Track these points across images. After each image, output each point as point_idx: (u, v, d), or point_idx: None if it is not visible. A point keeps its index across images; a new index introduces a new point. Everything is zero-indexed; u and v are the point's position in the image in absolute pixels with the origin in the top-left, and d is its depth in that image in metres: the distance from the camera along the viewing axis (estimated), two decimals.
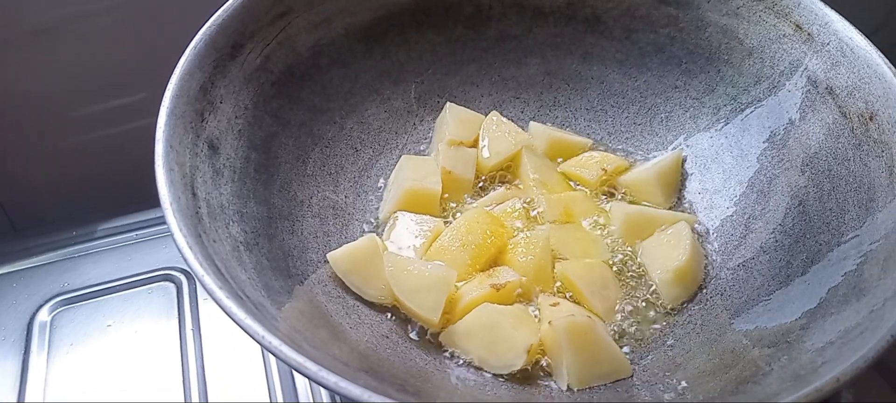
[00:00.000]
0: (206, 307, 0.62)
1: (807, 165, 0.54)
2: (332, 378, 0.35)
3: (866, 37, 0.53)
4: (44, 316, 0.61)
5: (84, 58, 0.67)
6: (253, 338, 0.37)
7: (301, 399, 0.57)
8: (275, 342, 0.36)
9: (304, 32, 0.59)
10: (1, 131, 0.67)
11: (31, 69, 0.66)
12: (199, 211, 0.44)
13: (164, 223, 0.69)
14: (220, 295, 0.38)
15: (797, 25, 0.57)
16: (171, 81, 0.48)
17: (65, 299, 0.63)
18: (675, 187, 0.61)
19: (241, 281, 0.43)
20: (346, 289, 0.52)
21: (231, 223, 0.48)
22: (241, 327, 0.37)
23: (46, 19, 0.64)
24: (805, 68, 0.56)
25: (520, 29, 0.66)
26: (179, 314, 0.62)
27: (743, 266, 0.54)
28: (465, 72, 0.67)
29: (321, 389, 0.57)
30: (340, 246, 0.54)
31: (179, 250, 0.40)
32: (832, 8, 0.55)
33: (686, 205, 0.60)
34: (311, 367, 0.35)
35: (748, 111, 0.59)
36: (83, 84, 0.69)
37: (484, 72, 0.67)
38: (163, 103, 0.47)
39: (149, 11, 0.67)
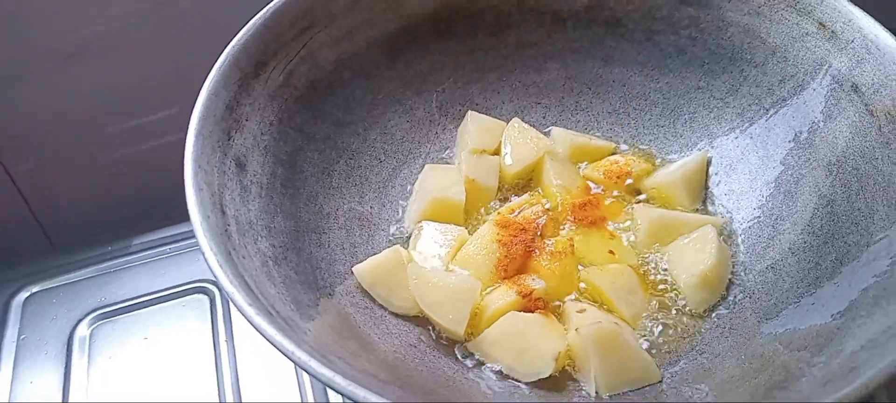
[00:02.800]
0: (239, 318, 0.63)
1: (834, 165, 0.53)
2: (361, 392, 0.36)
3: (892, 33, 0.52)
4: (83, 330, 0.64)
5: (114, 77, 0.69)
6: (283, 354, 0.38)
7: None
8: (304, 357, 0.37)
9: (327, 47, 0.60)
10: (38, 151, 0.70)
11: (65, 90, 0.68)
12: (228, 229, 0.46)
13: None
14: (251, 312, 0.39)
15: (820, 23, 0.56)
16: (197, 102, 0.50)
17: (103, 313, 0.65)
18: (700, 189, 0.60)
19: (271, 297, 0.44)
20: (374, 300, 0.53)
21: (259, 238, 0.49)
22: (271, 343, 0.38)
23: (77, 42, 0.66)
24: (830, 66, 0.55)
25: (539, 35, 0.66)
26: (213, 325, 0.63)
27: (771, 268, 0.54)
28: (486, 79, 0.67)
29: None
30: (367, 257, 0.55)
31: (210, 268, 0.41)
32: (857, 5, 0.55)
33: (711, 207, 0.60)
34: (341, 382, 0.36)
35: (773, 111, 0.58)
36: (114, 102, 0.71)
37: (505, 79, 0.67)
38: (190, 124, 0.48)
39: (175, 29, 0.68)
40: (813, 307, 0.49)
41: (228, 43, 0.54)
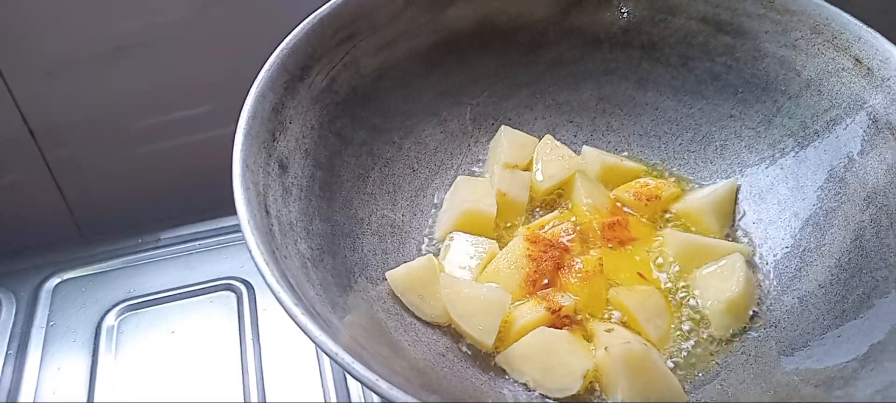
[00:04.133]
0: (265, 316, 0.65)
1: (865, 201, 0.54)
2: (401, 397, 0.37)
3: None
4: (111, 320, 0.64)
5: (152, 73, 0.70)
6: (327, 354, 0.38)
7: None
8: (348, 359, 0.38)
9: (369, 55, 0.61)
10: (74, 141, 0.71)
11: (104, 84, 0.69)
12: (272, 229, 0.46)
13: (225, 233, 0.73)
14: (296, 311, 0.40)
15: (857, 60, 0.57)
16: (246, 102, 0.51)
17: (130, 305, 0.66)
18: (729, 216, 0.61)
19: (311, 298, 0.45)
20: (404, 307, 0.54)
21: (299, 240, 0.50)
22: (315, 343, 0.39)
23: (119, 38, 0.67)
24: (865, 103, 0.56)
25: (575, 55, 0.67)
26: (239, 322, 0.64)
27: (798, 299, 0.54)
28: (519, 95, 0.68)
29: (373, 395, 0.59)
30: (398, 264, 0.56)
31: (257, 267, 0.42)
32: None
33: (740, 236, 0.61)
34: (383, 385, 0.37)
35: (806, 144, 0.59)
36: (151, 98, 0.72)
37: (538, 96, 0.68)
38: (239, 124, 0.49)
39: (211, 30, 0.69)
40: (838, 342, 0.50)
41: (261, 49, 0.55)
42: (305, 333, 0.39)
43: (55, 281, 0.67)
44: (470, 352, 0.53)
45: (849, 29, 0.57)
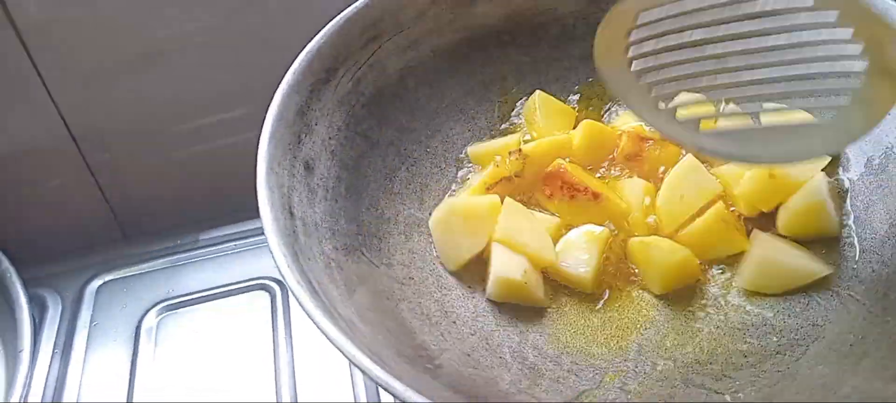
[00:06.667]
0: (298, 316, 0.66)
1: None
2: (415, 397, 0.37)
3: None
4: (151, 319, 0.66)
5: (188, 78, 0.72)
6: (345, 355, 0.39)
7: None
8: (366, 361, 0.38)
9: (394, 55, 0.61)
10: (115, 146, 0.73)
11: (142, 88, 0.71)
12: (295, 230, 0.47)
13: (260, 235, 0.74)
14: (317, 313, 0.40)
15: None
16: (271, 106, 0.51)
17: (170, 304, 0.68)
18: None
19: (333, 298, 0.45)
20: (431, 306, 0.54)
21: (324, 240, 0.50)
22: (334, 344, 0.39)
23: (155, 45, 0.69)
24: None
25: None
26: (273, 321, 0.65)
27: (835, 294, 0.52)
28: (548, 90, 0.67)
29: None
30: (425, 262, 0.56)
31: (278, 268, 0.42)
32: None
33: None
34: (398, 386, 0.37)
35: None
36: (187, 102, 0.74)
37: (568, 91, 0.68)
38: (264, 127, 0.50)
39: (245, 37, 0.71)
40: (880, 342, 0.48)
41: (294, 51, 0.55)
42: (323, 333, 0.40)
43: (98, 282, 0.70)
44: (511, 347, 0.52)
45: (889, 15, 0.55)
